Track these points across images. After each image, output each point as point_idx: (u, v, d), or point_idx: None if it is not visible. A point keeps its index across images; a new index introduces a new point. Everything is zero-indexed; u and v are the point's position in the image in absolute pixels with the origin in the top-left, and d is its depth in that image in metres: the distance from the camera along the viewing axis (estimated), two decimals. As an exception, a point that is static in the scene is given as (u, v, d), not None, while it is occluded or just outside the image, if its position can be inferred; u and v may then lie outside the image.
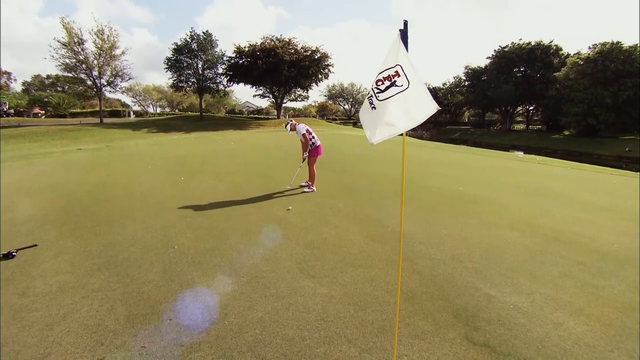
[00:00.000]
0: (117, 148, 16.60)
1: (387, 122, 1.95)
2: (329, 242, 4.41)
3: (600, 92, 36.42)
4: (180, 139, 22.43)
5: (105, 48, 28.78)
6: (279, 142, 18.40)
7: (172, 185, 7.75)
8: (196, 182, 8.07)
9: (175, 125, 34.22)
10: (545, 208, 6.45)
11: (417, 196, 6.91)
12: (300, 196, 6.78)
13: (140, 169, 9.88)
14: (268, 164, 10.83)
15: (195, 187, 7.47)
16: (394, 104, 1.96)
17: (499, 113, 56.13)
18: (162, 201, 6.34)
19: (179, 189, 7.30)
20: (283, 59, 36.67)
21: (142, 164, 10.89)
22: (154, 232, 4.74)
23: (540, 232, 5.05)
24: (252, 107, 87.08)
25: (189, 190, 7.25)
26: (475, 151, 18.55)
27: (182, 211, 5.70)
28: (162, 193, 7.00)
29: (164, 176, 8.81)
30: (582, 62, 38.17)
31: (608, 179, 10.40)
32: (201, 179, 8.38)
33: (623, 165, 24.23)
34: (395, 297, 3.12)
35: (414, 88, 1.93)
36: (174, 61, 35.89)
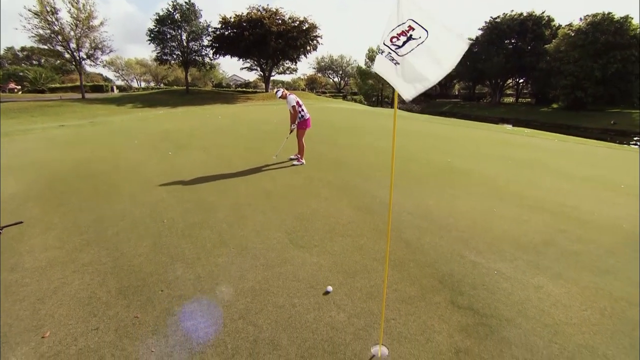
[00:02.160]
0: (101, 124, 16.15)
1: (417, 77, 1.86)
2: (318, 214, 4.45)
3: (590, 64, 36.47)
4: (166, 114, 21.90)
5: (82, 18, 27.31)
6: (267, 116, 18.12)
7: (159, 160, 7.64)
8: (184, 156, 7.96)
9: (160, 100, 33.29)
10: (531, 179, 6.58)
11: (406, 168, 6.96)
12: (290, 169, 6.77)
13: (126, 145, 9.67)
14: (257, 137, 10.71)
15: (183, 162, 7.37)
16: (418, 57, 1.86)
17: (489, 86, 56.00)
18: (149, 176, 6.26)
19: (166, 164, 7.20)
20: (270, 29, 35.49)
21: (128, 139, 10.65)
22: (142, 206, 4.70)
23: (526, 202, 5.18)
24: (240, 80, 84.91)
25: (176, 165, 7.16)
26: (465, 124, 18.58)
27: (170, 186, 5.65)
28: (150, 168, 6.90)
29: (151, 151, 8.65)
30: (574, 33, 37.94)
31: (594, 151, 10.60)
32: (189, 154, 8.26)
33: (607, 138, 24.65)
34: (384, 264, 3.20)
35: (434, 36, 1.83)
36: (156, 33, 34.38)
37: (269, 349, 2.18)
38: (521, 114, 42.27)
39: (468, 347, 2.22)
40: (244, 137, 10.92)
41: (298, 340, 2.27)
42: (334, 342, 2.25)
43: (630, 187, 6.18)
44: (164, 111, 24.57)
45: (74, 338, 2.28)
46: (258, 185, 5.67)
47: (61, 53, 29.04)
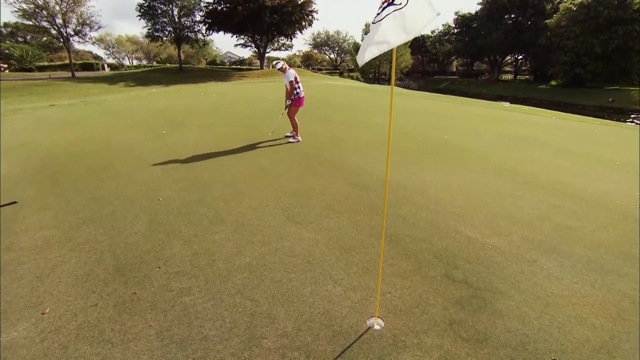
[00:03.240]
0: (94, 103, 15.85)
1: (377, 40, 1.81)
2: (314, 191, 4.45)
3: (591, 40, 35.86)
4: (160, 92, 21.50)
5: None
6: (262, 94, 17.83)
7: (153, 139, 7.54)
8: (179, 135, 7.86)
9: (154, 78, 32.58)
10: (527, 156, 6.58)
11: (403, 145, 6.93)
12: (286, 146, 6.71)
13: (120, 124, 9.52)
14: (252, 115, 10.57)
15: (177, 141, 7.29)
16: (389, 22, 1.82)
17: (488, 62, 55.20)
18: (144, 155, 6.20)
19: (161, 143, 7.12)
20: (264, 4, 34.39)
21: (122, 118, 10.48)
22: (137, 185, 4.67)
23: (521, 178, 5.19)
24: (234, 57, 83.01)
25: (171, 143, 7.07)
26: (462, 101, 18.42)
27: (165, 164, 5.60)
28: (144, 147, 6.82)
29: (145, 130, 8.53)
30: (575, 7, 37.08)
31: (590, 128, 10.58)
32: (184, 132, 8.16)
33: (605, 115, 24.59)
34: (380, 240, 3.23)
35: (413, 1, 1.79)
36: (147, 8, 33.20)
37: (266, 322, 2.22)
38: (519, 92, 41.91)
39: (462, 319, 2.27)
40: (239, 114, 10.77)
41: (295, 313, 2.31)
42: (330, 315, 2.29)
43: (625, 163, 6.21)
44: (157, 90, 24.10)
45: (73, 314, 2.30)
46: (254, 163, 5.63)
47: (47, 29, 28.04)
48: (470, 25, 51.00)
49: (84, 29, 28.51)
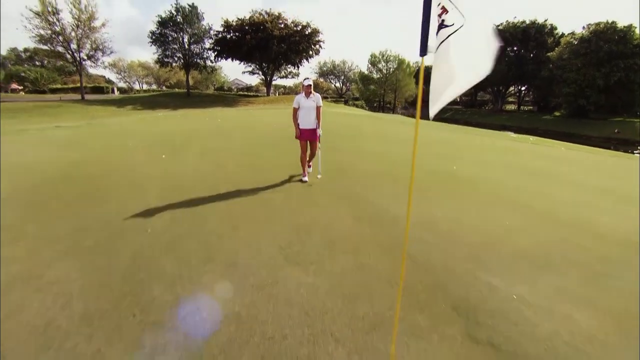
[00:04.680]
0: (99, 125, 15.87)
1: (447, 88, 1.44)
2: (316, 225, 4.09)
3: (592, 73, 36.30)
4: (166, 116, 21.65)
5: (83, 19, 27.20)
6: (268, 120, 17.83)
7: (153, 163, 7.29)
8: (179, 160, 7.62)
9: (161, 102, 33.11)
10: (541, 189, 6.23)
11: (409, 175, 6.60)
12: (287, 175, 6.40)
13: (121, 147, 9.34)
14: (256, 142, 10.38)
15: (176, 166, 7.03)
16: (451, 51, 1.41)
17: (491, 93, 55.85)
18: (140, 181, 5.92)
19: (159, 168, 6.85)
20: (272, 33, 35.42)
21: (124, 141, 10.33)
22: (127, 214, 4.35)
23: (538, 214, 4.82)
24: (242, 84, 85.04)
25: (169, 169, 6.81)
26: (468, 130, 18.29)
27: (160, 191, 5.30)
28: (142, 172, 6.55)
29: (146, 154, 8.32)
30: (576, 41, 37.81)
31: (602, 160, 10.26)
32: (184, 158, 7.92)
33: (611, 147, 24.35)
34: (388, 287, 2.84)
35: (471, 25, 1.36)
36: (158, 35, 34.31)
37: (252, 395, 1.82)
38: (523, 122, 42.01)
39: (491, 396, 1.86)
40: (242, 141, 10.59)
41: (288, 383, 1.90)
42: (331, 386, 1.89)
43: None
44: (163, 113, 24.33)
45: (22, 376, 1.91)
46: (253, 192, 5.32)
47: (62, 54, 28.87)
48: (474, 57, 51.99)
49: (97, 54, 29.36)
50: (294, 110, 5.86)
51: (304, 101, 5.73)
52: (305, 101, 5.73)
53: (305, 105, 5.73)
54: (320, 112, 5.82)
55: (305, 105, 5.73)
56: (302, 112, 5.74)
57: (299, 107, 5.76)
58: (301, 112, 5.75)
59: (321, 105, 5.82)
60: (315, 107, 5.75)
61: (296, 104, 5.79)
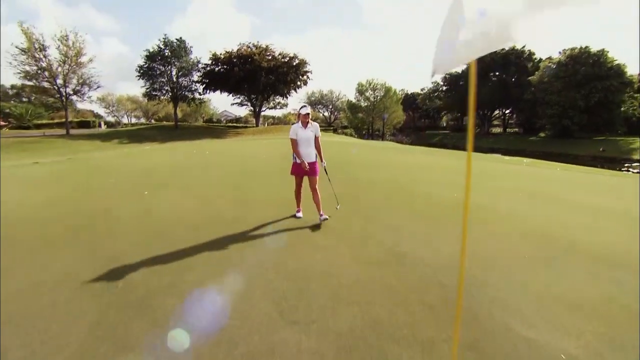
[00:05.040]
0: (80, 160, 15.28)
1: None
2: (315, 271, 3.57)
3: (573, 94, 37.46)
4: (152, 150, 21.18)
5: (70, 55, 27.12)
6: (256, 151, 17.50)
7: (133, 201, 6.74)
8: (162, 197, 7.08)
9: (149, 135, 32.71)
10: (550, 214, 5.85)
11: (410, 205, 6.19)
12: (279, 211, 5.90)
13: (101, 183, 8.77)
14: (245, 175, 9.92)
15: (158, 204, 6.47)
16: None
17: (477, 117, 57.13)
18: (116, 221, 5.35)
19: (139, 206, 6.30)
20: (260, 65, 35.93)
21: (105, 177, 9.76)
22: (96, 263, 3.77)
23: (556, 243, 4.40)
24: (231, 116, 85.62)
25: (152, 207, 6.26)
26: (459, 155, 18.19)
27: (138, 234, 4.74)
28: (120, 211, 5.99)
29: (127, 191, 7.76)
30: (555, 65, 39.26)
31: (601, 180, 10.04)
32: (168, 194, 7.39)
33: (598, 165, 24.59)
34: (407, 348, 2.31)
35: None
36: (146, 69, 34.44)
37: None
38: (511, 144, 42.68)
39: None
40: (230, 174, 10.12)
41: None
42: None
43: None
44: (150, 147, 23.87)
45: None
46: (241, 233, 4.79)
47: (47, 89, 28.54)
48: (458, 83, 53.56)
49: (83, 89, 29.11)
50: (292, 142, 5.14)
51: (302, 132, 5.10)
52: (303, 132, 5.10)
53: (304, 136, 5.09)
54: (319, 142, 5.26)
55: (303, 136, 5.08)
56: (300, 144, 5.12)
57: (297, 138, 5.13)
58: (300, 143, 5.12)
59: (320, 135, 5.28)
60: (314, 138, 5.18)
61: (294, 135, 5.13)
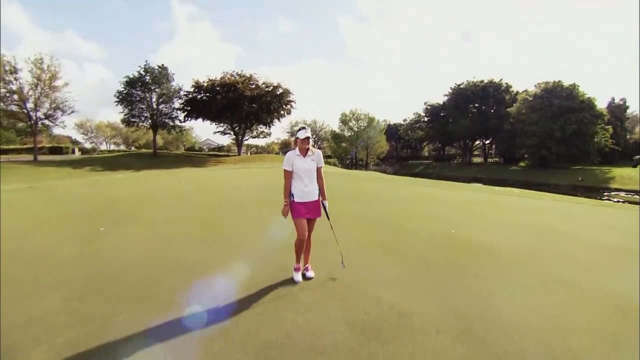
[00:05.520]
0: (42, 189, 13.95)
1: None
2: (297, 341, 2.70)
3: (550, 125, 38.72)
4: (125, 178, 19.93)
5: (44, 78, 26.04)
6: (236, 181, 16.59)
7: (83, 239, 5.71)
8: (119, 234, 6.07)
9: (124, 163, 31.35)
10: (563, 253, 5.19)
11: (406, 247, 5.42)
12: (251, 256, 5.02)
13: (52, 217, 7.66)
14: (218, 208, 9.00)
15: (113, 244, 5.48)
16: None
17: (458, 147, 58.28)
18: (53, 268, 4.33)
19: (87, 248, 5.28)
20: (244, 94, 35.67)
21: (60, 209, 8.63)
22: (12, 331, 2.79)
23: (586, 294, 3.70)
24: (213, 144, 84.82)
25: (103, 248, 5.25)
26: (445, 185, 17.83)
27: (76, 285, 3.76)
28: (63, 252, 4.97)
29: (80, 226, 6.71)
30: (531, 98, 40.76)
31: (600, 212, 9.61)
32: (127, 230, 6.39)
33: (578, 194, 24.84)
34: None
35: None
36: (125, 94, 33.55)
37: None
38: (493, 173, 43.29)
39: None
40: (203, 206, 9.17)
41: None
42: None
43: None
44: (123, 175, 22.61)
45: None
46: (206, 284, 3.87)
47: (16, 113, 27.11)
48: (439, 114, 54.84)
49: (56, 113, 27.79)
50: (286, 175, 3.91)
51: (299, 162, 3.86)
52: (301, 162, 3.87)
53: (302, 168, 3.86)
54: (323, 175, 4.07)
55: (301, 168, 3.86)
56: (298, 178, 3.90)
57: (292, 169, 3.90)
58: (297, 178, 3.90)
59: (323, 166, 4.10)
60: (315, 169, 3.99)
61: (288, 166, 3.90)
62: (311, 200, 3.93)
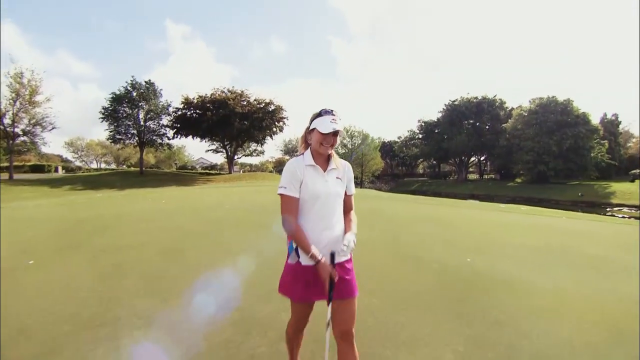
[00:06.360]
0: (4, 209, 12.58)
1: None
2: None
3: (546, 140, 38.20)
4: (104, 198, 18.58)
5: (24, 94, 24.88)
6: (221, 199, 15.37)
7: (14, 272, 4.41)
8: (48, 269, 4.77)
9: (108, 181, 29.92)
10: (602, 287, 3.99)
11: (418, 282, 4.21)
12: (211, 297, 3.78)
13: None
14: (192, 230, 7.74)
15: (28, 284, 4.18)
16: None
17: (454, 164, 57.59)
18: None
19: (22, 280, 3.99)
20: (234, 110, 34.71)
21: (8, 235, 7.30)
22: None
23: None
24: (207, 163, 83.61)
25: (9, 291, 3.96)
26: (446, 202, 16.72)
27: None
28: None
29: (19, 255, 5.41)
30: (526, 113, 40.39)
31: (622, 230, 8.49)
32: (64, 262, 5.11)
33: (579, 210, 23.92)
34: None
35: None
36: (111, 111, 32.40)
37: None
38: (490, 190, 42.39)
39: None
40: (174, 229, 7.91)
41: None
42: None
43: None
44: (103, 194, 21.20)
45: None
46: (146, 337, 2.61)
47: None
48: (434, 131, 54.37)
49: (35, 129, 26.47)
50: (286, 202, 1.90)
51: (316, 179, 1.93)
52: (319, 179, 1.93)
53: (323, 192, 1.92)
54: (353, 205, 2.16)
55: (321, 191, 1.92)
56: (310, 213, 1.93)
57: (298, 194, 1.91)
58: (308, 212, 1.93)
59: (354, 193, 2.16)
60: (342, 195, 2.04)
61: (291, 185, 1.89)
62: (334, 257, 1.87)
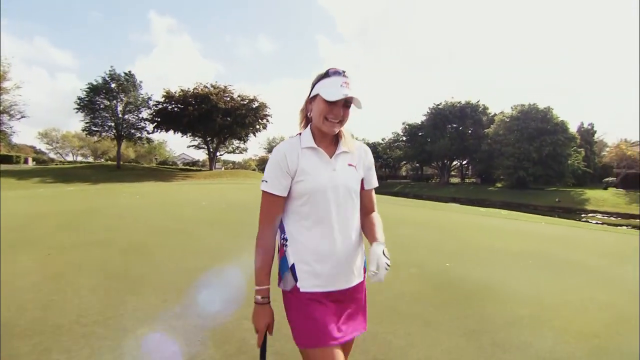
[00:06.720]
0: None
1: None
2: None
3: (526, 146, 39.03)
4: (75, 191, 17.74)
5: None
6: (197, 196, 14.83)
7: None
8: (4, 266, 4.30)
9: (82, 175, 28.71)
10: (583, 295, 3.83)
11: (395, 288, 3.94)
12: (172, 311, 3.41)
13: None
14: (160, 229, 7.29)
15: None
16: None
17: (436, 167, 58.28)
18: None
19: None
20: (217, 106, 33.97)
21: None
22: None
23: None
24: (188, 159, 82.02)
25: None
26: (427, 205, 16.70)
27: None
28: None
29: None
30: (508, 119, 41.19)
31: (601, 237, 8.52)
32: (17, 258, 4.63)
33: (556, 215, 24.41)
34: None
35: None
36: (87, 102, 31.09)
37: None
38: (471, 194, 42.98)
39: None
40: (140, 228, 7.43)
41: None
42: None
43: None
44: (75, 187, 20.28)
45: None
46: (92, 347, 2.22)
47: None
48: (418, 134, 54.84)
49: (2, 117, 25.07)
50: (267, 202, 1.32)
51: (318, 165, 1.31)
52: (322, 166, 1.31)
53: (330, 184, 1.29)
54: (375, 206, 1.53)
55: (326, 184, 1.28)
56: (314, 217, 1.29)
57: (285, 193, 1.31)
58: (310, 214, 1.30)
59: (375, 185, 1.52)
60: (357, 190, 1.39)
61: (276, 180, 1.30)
62: (350, 285, 1.36)
